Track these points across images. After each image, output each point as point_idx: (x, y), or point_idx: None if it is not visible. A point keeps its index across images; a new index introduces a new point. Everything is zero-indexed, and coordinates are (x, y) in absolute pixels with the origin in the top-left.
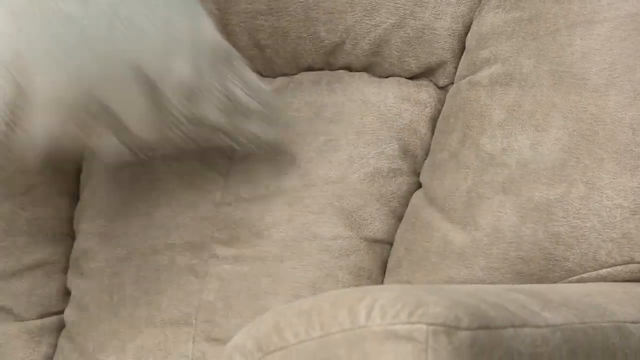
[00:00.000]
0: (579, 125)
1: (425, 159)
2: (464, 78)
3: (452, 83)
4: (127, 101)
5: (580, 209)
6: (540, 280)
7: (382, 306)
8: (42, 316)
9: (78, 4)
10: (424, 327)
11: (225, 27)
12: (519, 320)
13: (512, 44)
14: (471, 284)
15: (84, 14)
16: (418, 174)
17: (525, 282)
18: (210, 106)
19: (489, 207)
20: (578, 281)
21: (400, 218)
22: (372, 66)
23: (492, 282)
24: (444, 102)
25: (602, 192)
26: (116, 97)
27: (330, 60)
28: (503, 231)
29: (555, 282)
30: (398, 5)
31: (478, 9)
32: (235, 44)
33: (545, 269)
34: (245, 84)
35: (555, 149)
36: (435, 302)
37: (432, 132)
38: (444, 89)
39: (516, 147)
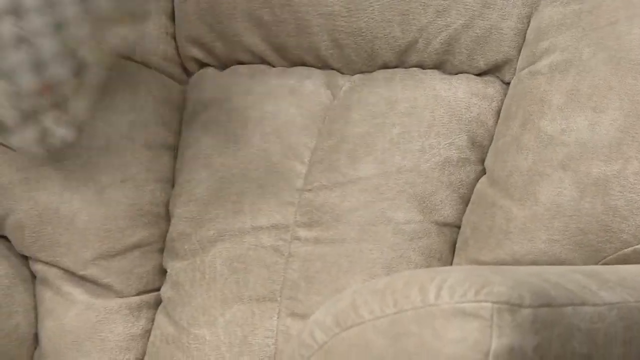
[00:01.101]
0: (635, 106)
1: None
2: (524, 69)
3: None
4: None
5: (635, 183)
6: (597, 251)
7: (451, 285)
8: (140, 293)
9: None
10: (489, 305)
11: (306, 28)
12: (578, 298)
13: (572, 34)
14: (533, 256)
15: None
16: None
17: (584, 253)
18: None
19: (549, 184)
20: (632, 252)
21: (468, 204)
22: (443, 64)
23: (554, 254)
24: None
25: None
26: None
27: (404, 59)
28: (563, 205)
29: (611, 253)
30: (467, 7)
31: (535, 5)
32: (316, 43)
33: (603, 240)
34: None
35: (612, 129)
36: (499, 281)
37: None
38: (509, 84)
39: (575, 128)
